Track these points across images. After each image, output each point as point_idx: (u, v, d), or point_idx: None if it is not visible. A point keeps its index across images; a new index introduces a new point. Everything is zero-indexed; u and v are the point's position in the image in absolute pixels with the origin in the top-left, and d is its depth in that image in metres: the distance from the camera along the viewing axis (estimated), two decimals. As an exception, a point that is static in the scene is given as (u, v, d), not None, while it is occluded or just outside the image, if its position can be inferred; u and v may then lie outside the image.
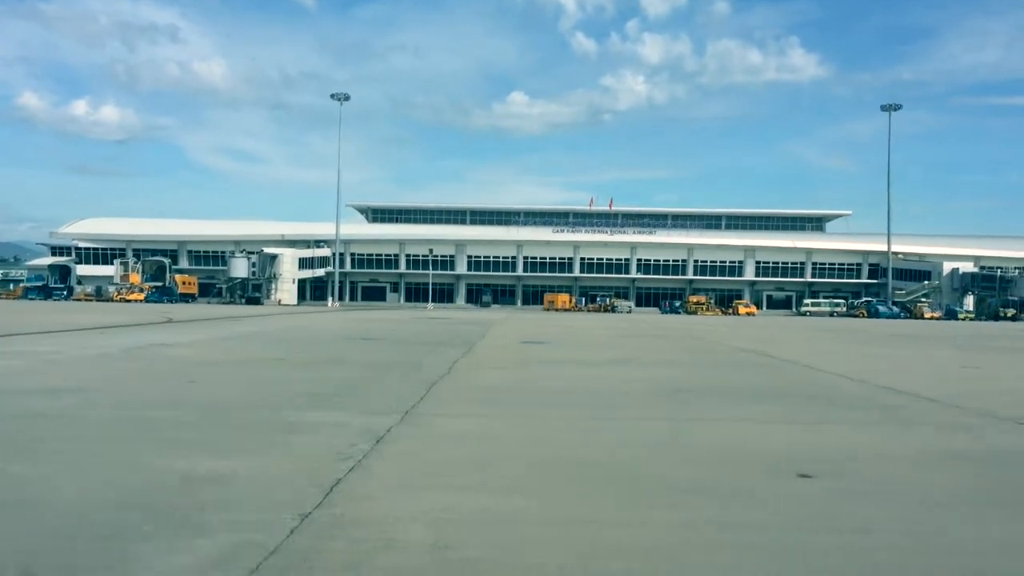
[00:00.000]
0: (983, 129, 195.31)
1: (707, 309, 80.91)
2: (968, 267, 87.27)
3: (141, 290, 78.52)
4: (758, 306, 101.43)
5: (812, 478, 4.87)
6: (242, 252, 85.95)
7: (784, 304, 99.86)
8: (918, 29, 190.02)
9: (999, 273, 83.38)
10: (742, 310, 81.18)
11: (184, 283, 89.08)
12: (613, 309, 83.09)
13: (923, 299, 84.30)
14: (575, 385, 10.01)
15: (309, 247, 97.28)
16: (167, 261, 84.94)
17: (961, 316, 77.31)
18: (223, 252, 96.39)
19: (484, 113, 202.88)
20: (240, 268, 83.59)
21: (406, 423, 6.60)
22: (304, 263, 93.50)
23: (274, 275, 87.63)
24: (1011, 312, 78.86)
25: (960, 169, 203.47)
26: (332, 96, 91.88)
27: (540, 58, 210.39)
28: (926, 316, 76.32)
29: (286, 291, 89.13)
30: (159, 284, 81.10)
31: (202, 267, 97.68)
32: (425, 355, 14.18)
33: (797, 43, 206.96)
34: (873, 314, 77.86)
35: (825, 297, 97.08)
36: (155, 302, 73.37)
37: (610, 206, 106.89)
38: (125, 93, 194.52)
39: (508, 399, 8.61)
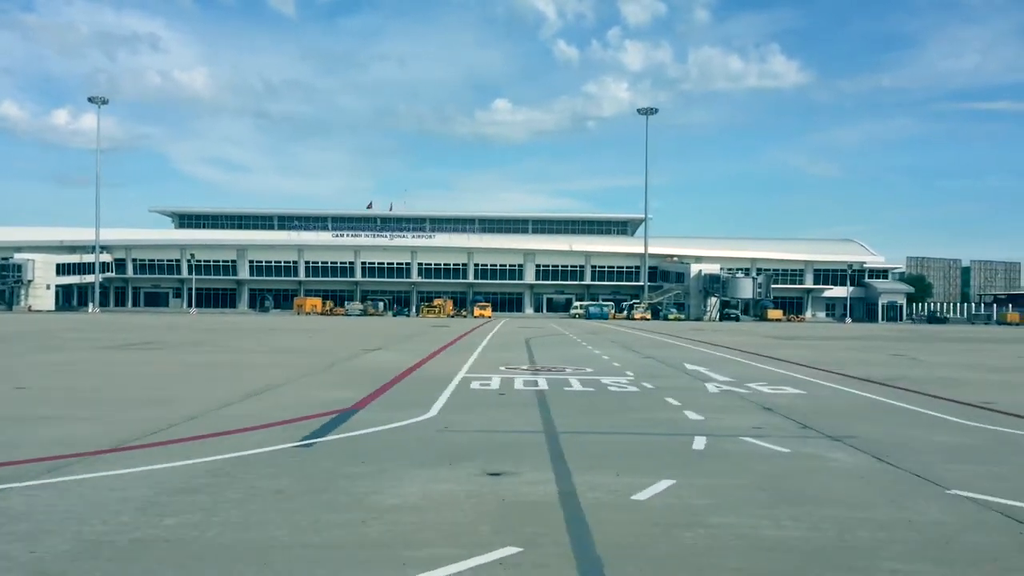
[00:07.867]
0: (963, 134, 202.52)
1: (440, 312, 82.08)
2: (713, 269, 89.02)
3: None
4: (537, 309, 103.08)
5: None
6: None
7: (564, 307, 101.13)
8: (898, 36, 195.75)
9: (721, 275, 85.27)
10: (477, 312, 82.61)
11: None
12: (347, 313, 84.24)
13: (637, 302, 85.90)
14: None
15: (88, 253, 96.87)
16: None
17: (671, 317, 78.99)
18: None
19: (468, 121, 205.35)
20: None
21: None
22: (68, 269, 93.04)
23: (22, 281, 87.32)
24: (734, 313, 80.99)
25: (940, 174, 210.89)
26: (89, 99, 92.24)
27: (523, 66, 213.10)
28: (636, 318, 78.00)
29: (39, 297, 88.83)
30: None
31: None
32: None
33: (778, 50, 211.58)
34: (588, 316, 79.52)
35: (604, 299, 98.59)
36: None
37: (390, 209, 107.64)
38: (107, 102, 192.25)
39: None
